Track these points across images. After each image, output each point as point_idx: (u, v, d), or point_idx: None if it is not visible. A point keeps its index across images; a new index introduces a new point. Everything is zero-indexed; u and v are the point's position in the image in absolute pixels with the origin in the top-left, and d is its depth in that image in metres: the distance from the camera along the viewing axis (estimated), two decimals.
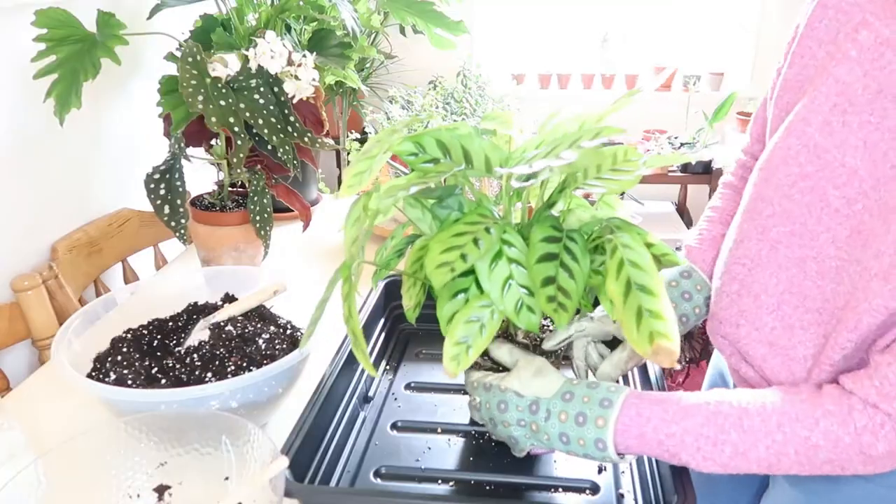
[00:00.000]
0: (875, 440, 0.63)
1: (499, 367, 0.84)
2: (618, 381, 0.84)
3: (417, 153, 0.76)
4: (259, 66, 1.25)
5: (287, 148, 1.24)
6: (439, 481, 0.83)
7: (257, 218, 1.33)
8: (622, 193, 2.00)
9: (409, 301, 0.85)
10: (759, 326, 0.78)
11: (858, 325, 0.66)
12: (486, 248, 0.72)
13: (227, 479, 0.79)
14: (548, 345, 0.83)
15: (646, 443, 0.69)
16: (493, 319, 0.75)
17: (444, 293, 0.78)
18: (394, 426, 0.93)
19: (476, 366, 0.85)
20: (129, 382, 0.88)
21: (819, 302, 0.72)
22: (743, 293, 0.80)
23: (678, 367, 2.18)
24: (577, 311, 0.85)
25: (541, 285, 0.72)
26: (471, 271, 0.77)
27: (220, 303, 1.10)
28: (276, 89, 1.26)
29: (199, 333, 0.99)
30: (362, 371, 1.01)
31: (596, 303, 0.89)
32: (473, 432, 0.92)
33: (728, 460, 0.67)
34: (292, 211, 1.61)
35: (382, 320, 1.13)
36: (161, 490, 0.78)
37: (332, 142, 1.39)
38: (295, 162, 1.26)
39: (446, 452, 0.88)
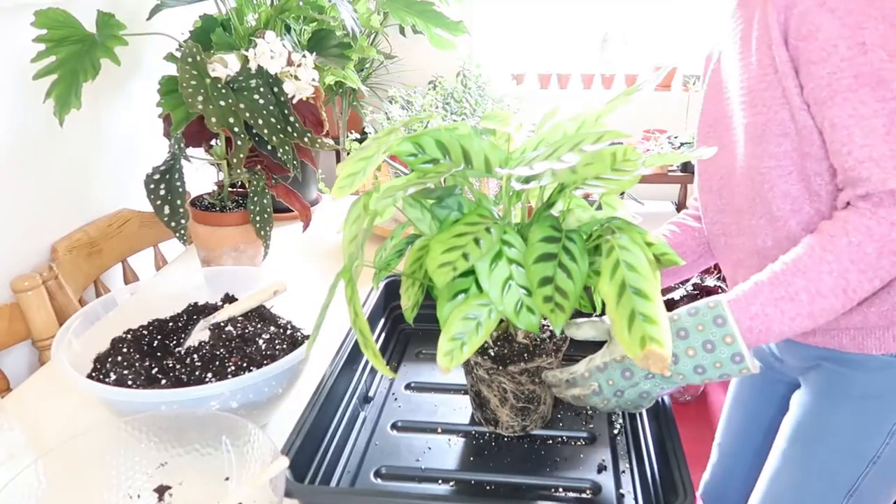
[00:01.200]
0: (887, 214, 0.71)
1: (561, 363, 0.85)
2: None
3: (417, 153, 0.76)
4: (259, 66, 1.25)
5: (287, 148, 1.24)
6: (439, 481, 0.83)
7: (257, 218, 1.33)
8: (622, 193, 2.00)
9: (408, 301, 0.85)
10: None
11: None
12: (487, 248, 0.72)
13: (227, 479, 0.79)
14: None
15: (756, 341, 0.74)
16: (491, 318, 0.75)
17: (444, 294, 0.78)
18: (394, 426, 0.93)
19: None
20: (130, 383, 0.88)
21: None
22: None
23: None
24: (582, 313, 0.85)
25: (538, 285, 0.72)
26: (471, 272, 0.77)
27: (220, 303, 1.10)
28: (275, 89, 1.26)
29: (199, 334, 0.99)
30: (362, 371, 1.01)
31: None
32: (473, 432, 0.92)
33: (810, 306, 0.72)
34: (292, 211, 1.61)
35: (382, 320, 1.13)
36: (161, 490, 0.78)
37: (331, 142, 1.39)
38: (295, 162, 1.26)
39: (446, 452, 0.88)
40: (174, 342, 1.02)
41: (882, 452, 0.91)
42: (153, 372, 0.92)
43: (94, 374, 0.92)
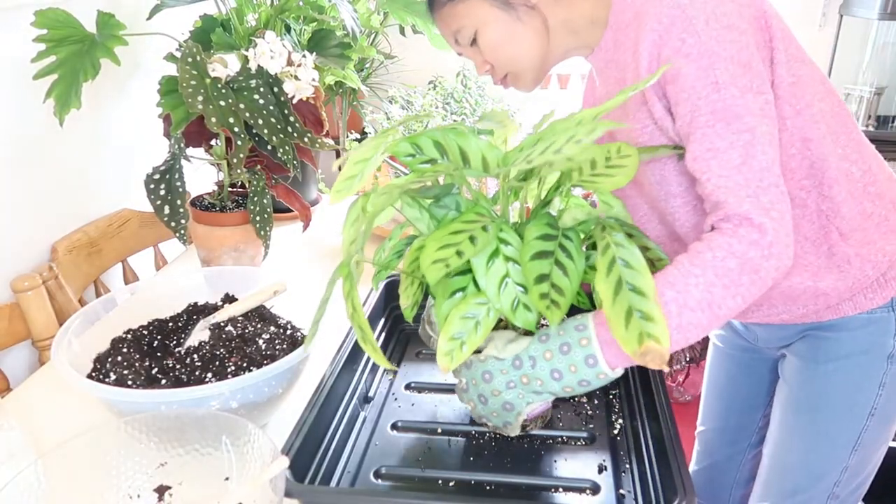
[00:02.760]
0: (746, 233, 0.74)
1: None
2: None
3: (415, 154, 0.76)
4: (259, 66, 1.25)
5: (287, 148, 1.24)
6: (439, 481, 0.83)
7: (257, 218, 1.33)
8: None
9: (407, 300, 0.85)
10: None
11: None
12: (482, 245, 0.72)
13: (227, 479, 0.79)
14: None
15: (615, 345, 0.73)
16: (489, 317, 0.75)
17: (441, 292, 0.78)
18: (394, 426, 0.93)
19: None
20: (130, 383, 0.88)
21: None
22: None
23: (673, 367, 2.17)
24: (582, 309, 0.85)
25: (534, 282, 0.72)
26: (469, 270, 0.77)
27: (220, 303, 1.10)
28: (275, 89, 1.26)
29: (200, 334, 0.99)
30: (362, 371, 1.01)
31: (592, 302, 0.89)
32: (473, 432, 0.92)
33: (678, 318, 0.73)
34: (292, 211, 1.61)
35: (382, 320, 1.13)
36: (161, 490, 0.79)
37: (331, 142, 1.39)
38: (295, 162, 1.26)
39: (446, 452, 0.88)
40: (174, 342, 1.02)
41: (877, 404, 0.96)
42: (153, 372, 0.92)
43: (94, 374, 0.92)
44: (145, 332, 1.02)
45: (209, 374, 0.91)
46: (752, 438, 1.20)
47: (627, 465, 0.86)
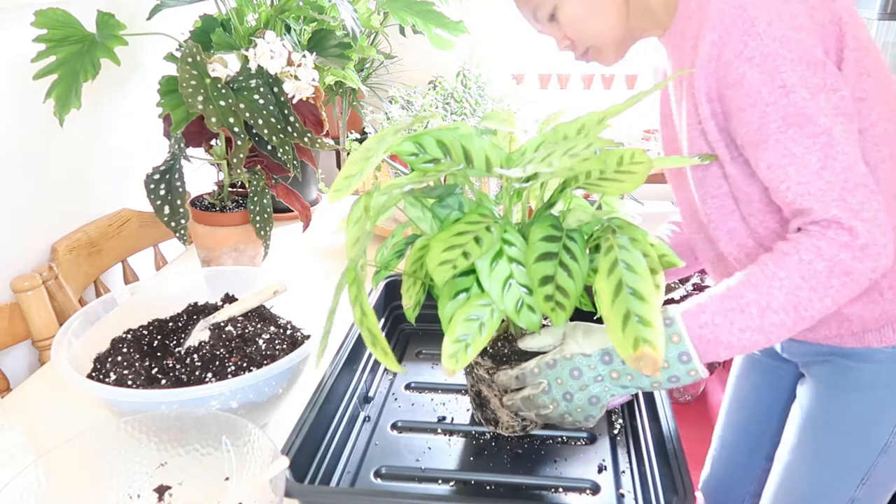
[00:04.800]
0: (836, 235, 0.72)
1: (510, 364, 0.83)
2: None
3: (418, 153, 0.76)
4: (259, 66, 1.25)
5: (287, 148, 1.24)
6: (439, 481, 0.83)
7: (257, 218, 1.33)
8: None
9: (409, 301, 0.85)
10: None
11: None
12: (487, 247, 0.72)
13: (227, 479, 0.79)
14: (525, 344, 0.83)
15: (706, 342, 0.73)
16: (493, 318, 0.75)
17: (445, 293, 0.78)
18: (394, 426, 0.93)
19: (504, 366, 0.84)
20: (130, 383, 0.88)
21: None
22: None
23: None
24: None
25: (539, 284, 0.72)
26: (472, 271, 0.77)
27: (220, 303, 1.10)
28: (275, 89, 1.26)
29: (200, 334, 0.99)
30: (362, 371, 1.01)
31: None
32: (473, 432, 0.92)
33: (760, 320, 0.72)
34: (292, 211, 1.61)
35: (382, 320, 1.13)
36: (161, 490, 0.78)
37: (331, 142, 1.39)
38: (295, 162, 1.26)
39: (446, 452, 0.88)
40: (174, 342, 1.02)
41: (891, 442, 0.93)
42: (153, 372, 0.92)
43: (94, 374, 0.92)
44: (145, 332, 1.02)
45: (209, 374, 0.90)
46: (770, 450, 1.17)
47: (627, 465, 0.86)
